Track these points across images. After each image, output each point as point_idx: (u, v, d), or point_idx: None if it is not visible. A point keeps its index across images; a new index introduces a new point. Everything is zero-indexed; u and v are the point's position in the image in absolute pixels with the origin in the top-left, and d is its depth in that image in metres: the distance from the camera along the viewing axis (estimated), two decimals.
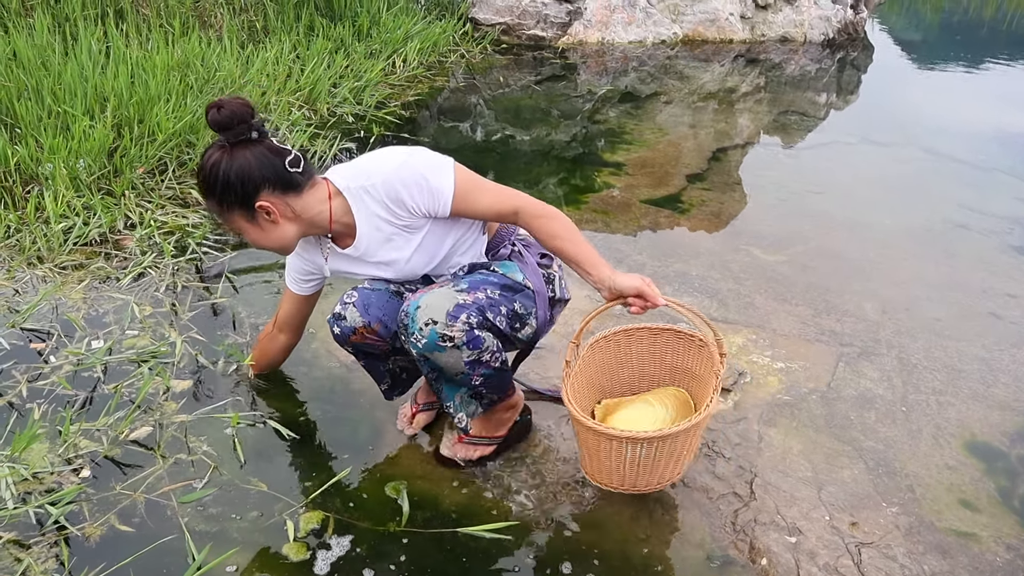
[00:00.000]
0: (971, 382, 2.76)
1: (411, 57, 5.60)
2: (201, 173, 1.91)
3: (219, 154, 1.88)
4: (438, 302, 1.92)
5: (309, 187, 1.96)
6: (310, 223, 1.99)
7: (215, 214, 1.97)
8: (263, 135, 1.90)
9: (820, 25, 7.40)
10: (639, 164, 4.42)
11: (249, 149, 1.87)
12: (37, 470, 2.09)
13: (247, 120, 1.85)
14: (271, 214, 1.92)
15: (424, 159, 1.97)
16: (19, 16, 4.57)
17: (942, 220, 4.00)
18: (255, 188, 1.88)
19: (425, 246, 2.05)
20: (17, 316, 2.68)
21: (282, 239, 1.99)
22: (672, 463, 2.00)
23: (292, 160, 1.90)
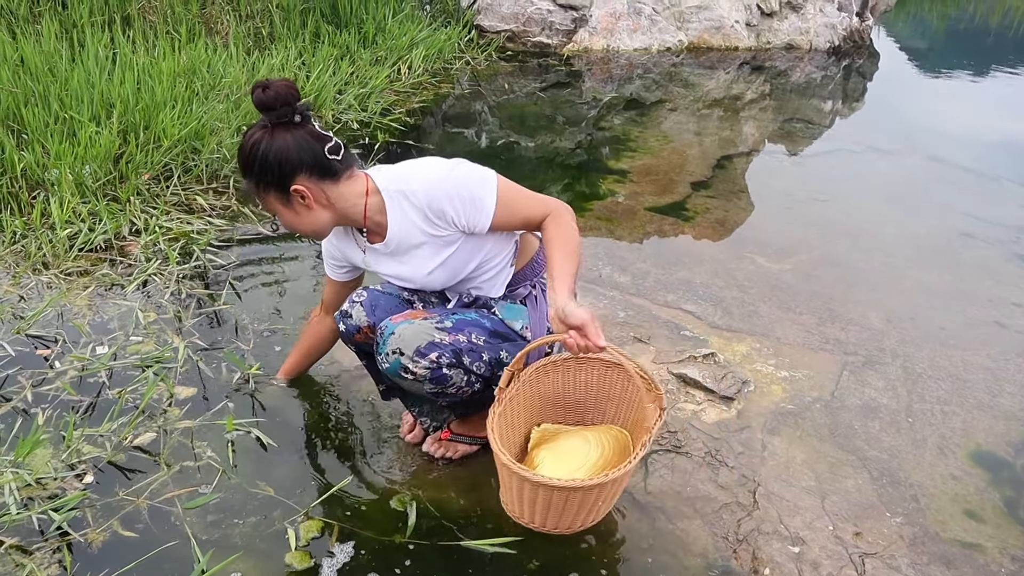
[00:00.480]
0: (976, 392, 2.76)
1: (416, 64, 5.61)
2: (241, 152, 1.91)
3: (260, 134, 1.88)
4: (412, 335, 1.93)
5: (347, 177, 1.95)
6: (343, 214, 1.98)
7: (251, 194, 1.97)
8: (306, 119, 1.89)
9: (826, 33, 7.40)
10: (644, 171, 4.41)
11: (290, 132, 1.87)
12: (40, 475, 2.09)
13: (291, 103, 1.85)
14: (305, 198, 1.92)
15: (468, 171, 1.95)
16: (27, 22, 4.59)
17: (947, 228, 3.99)
18: (292, 171, 1.88)
19: (451, 263, 2.03)
20: (23, 322, 2.68)
21: (315, 224, 1.98)
22: (585, 512, 1.89)
23: (332, 147, 1.90)
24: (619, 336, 2.88)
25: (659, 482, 2.26)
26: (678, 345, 2.85)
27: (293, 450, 2.29)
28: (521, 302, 2.15)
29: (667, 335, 2.92)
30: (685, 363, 2.74)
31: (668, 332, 2.93)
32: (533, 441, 2.13)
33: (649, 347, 2.84)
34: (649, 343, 2.86)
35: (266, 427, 2.36)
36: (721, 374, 2.68)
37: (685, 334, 2.93)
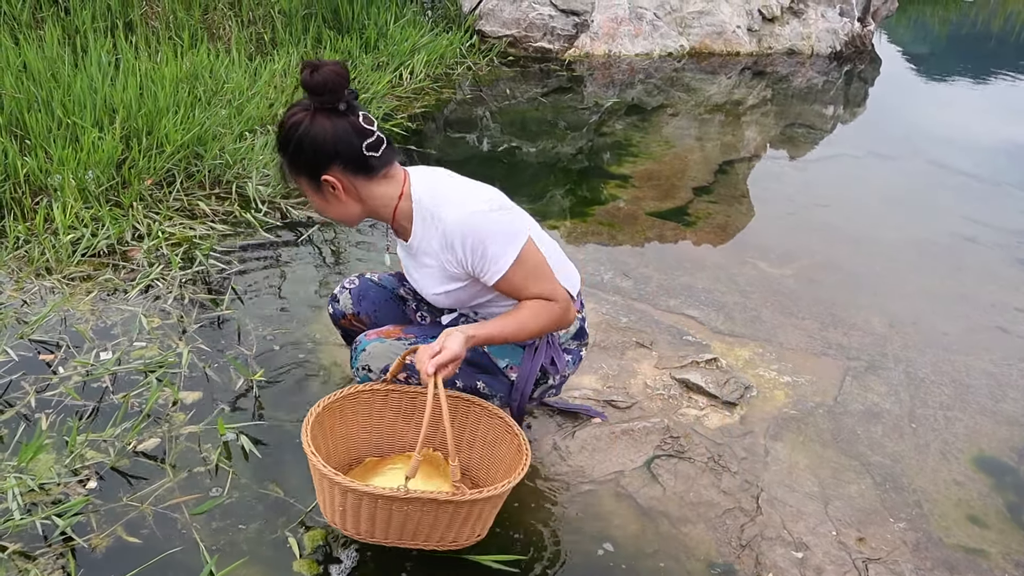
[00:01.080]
0: (979, 397, 2.76)
1: (418, 69, 5.62)
2: (280, 128, 1.88)
3: (302, 115, 1.83)
4: (380, 354, 1.96)
5: (383, 175, 1.91)
6: (373, 210, 1.95)
7: (284, 172, 1.95)
8: (352, 109, 1.84)
9: (827, 38, 7.40)
10: (645, 176, 4.42)
11: (332, 120, 1.82)
12: (43, 481, 2.09)
13: (337, 90, 1.79)
14: (336, 189, 1.88)
15: (497, 223, 1.88)
16: (30, 28, 4.60)
17: (950, 233, 3.99)
18: (326, 161, 1.85)
19: (456, 295, 2.01)
20: (26, 327, 2.69)
21: (344, 214, 1.96)
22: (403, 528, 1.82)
23: (371, 143, 1.85)
24: (621, 341, 2.88)
25: (662, 487, 2.26)
26: (680, 350, 2.85)
27: (298, 455, 2.29)
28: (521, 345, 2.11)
29: (669, 340, 2.92)
30: (688, 368, 2.74)
31: (670, 337, 2.93)
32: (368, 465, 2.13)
33: (651, 352, 2.84)
34: (651, 348, 2.86)
35: (268, 432, 2.36)
36: (724, 379, 2.68)
37: (687, 339, 2.93)
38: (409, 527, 1.81)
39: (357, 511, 1.79)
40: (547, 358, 2.11)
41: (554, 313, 1.94)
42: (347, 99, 1.82)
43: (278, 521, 2.06)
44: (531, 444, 2.37)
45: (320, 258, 3.30)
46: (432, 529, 1.82)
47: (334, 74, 1.77)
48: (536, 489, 2.23)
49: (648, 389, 2.66)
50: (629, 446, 2.40)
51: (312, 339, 2.79)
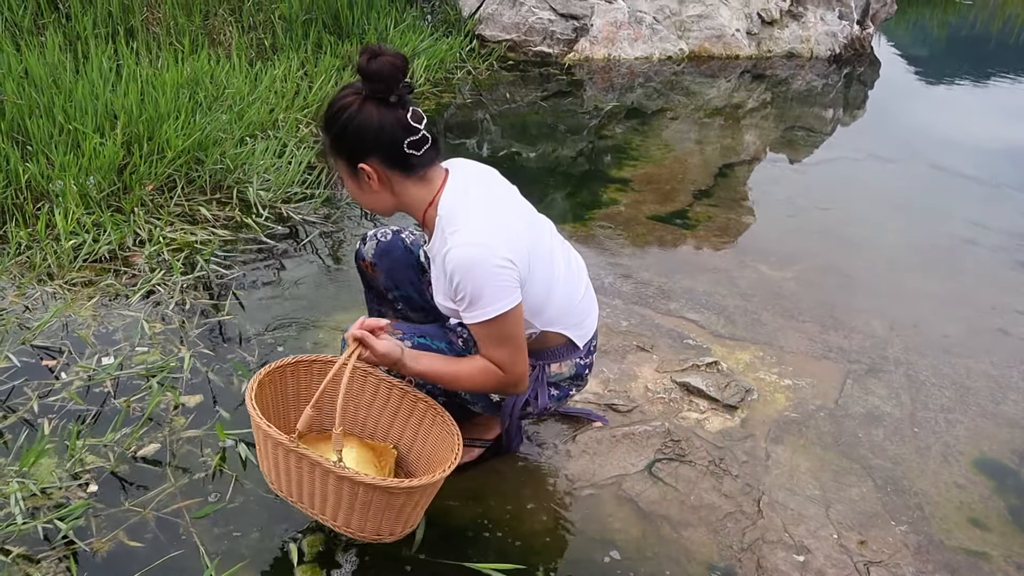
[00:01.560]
0: (980, 399, 2.76)
1: (418, 74, 5.62)
2: (329, 108, 1.87)
3: (352, 99, 1.82)
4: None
5: (421, 176, 1.89)
6: (406, 206, 1.95)
7: (325, 149, 1.96)
8: (402, 103, 1.82)
9: (826, 41, 7.41)
10: (645, 180, 4.42)
11: (380, 110, 1.80)
12: (45, 485, 2.09)
13: (392, 81, 1.77)
14: (371, 178, 1.87)
15: (492, 279, 1.83)
16: (31, 34, 4.61)
17: (950, 236, 3.99)
18: (366, 151, 1.84)
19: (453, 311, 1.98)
20: (28, 333, 2.69)
21: (376, 204, 1.95)
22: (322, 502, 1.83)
23: (414, 141, 1.83)
24: (622, 345, 2.88)
25: (663, 490, 2.26)
26: (681, 354, 2.86)
27: None
28: None
29: (670, 344, 2.92)
30: (688, 372, 2.74)
31: (671, 341, 2.94)
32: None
33: (652, 356, 2.84)
34: (652, 352, 2.86)
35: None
36: (724, 383, 2.69)
37: (688, 343, 2.93)
38: (311, 493, 1.82)
39: (276, 462, 1.83)
40: (532, 392, 2.10)
41: (493, 380, 1.93)
42: (399, 92, 1.80)
43: (279, 526, 2.06)
44: (533, 448, 2.38)
45: (321, 262, 3.30)
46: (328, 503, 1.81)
47: (391, 65, 1.75)
48: (537, 493, 2.23)
49: (649, 393, 2.66)
50: (630, 450, 2.40)
51: (314, 343, 2.80)
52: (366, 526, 1.83)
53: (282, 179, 3.77)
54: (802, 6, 7.42)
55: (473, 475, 2.27)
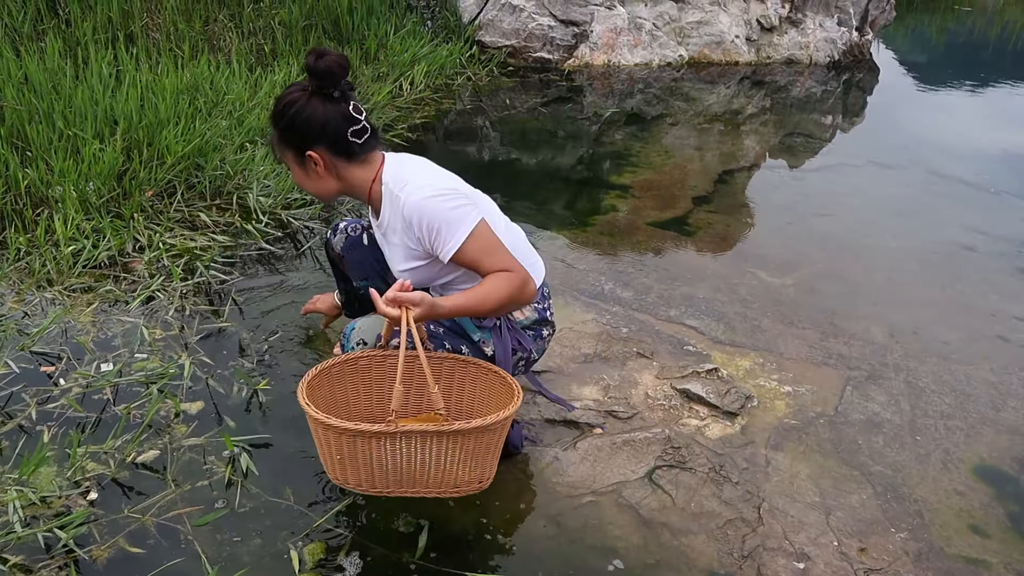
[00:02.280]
0: (980, 406, 2.76)
1: (418, 80, 5.63)
2: (277, 104, 2.06)
3: (299, 95, 2.01)
4: (370, 326, 2.10)
5: (362, 160, 2.08)
6: (350, 190, 2.13)
7: (272, 143, 2.14)
8: (345, 97, 2.02)
9: (826, 47, 7.42)
10: (645, 186, 4.43)
11: (325, 104, 2.00)
12: (45, 493, 2.09)
13: (335, 79, 1.98)
14: (318, 165, 2.05)
15: (452, 205, 2.01)
16: (31, 40, 4.62)
17: (949, 242, 3.99)
18: (313, 139, 2.02)
19: (419, 273, 2.13)
20: (27, 339, 2.69)
21: (321, 189, 2.12)
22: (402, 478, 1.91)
23: (356, 131, 2.03)
24: (622, 352, 2.88)
25: (663, 498, 2.26)
26: (681, 360, 2.86)
27: (303, 466, 2.29)
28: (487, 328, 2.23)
29: (670, 350, 2.92)
30: (688, 378, 2.74)
31: (671, 347, 2.94)
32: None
33: (652, 362, 2.84)
34: (652, 358, 2.86)
35: (271, 442, 2.36)
36: (724, 389, 2.69)
37: (688, 349, 2.93)
38: (407, 470, 1.88)
39: (354, 457, 1.86)
40: (513, 340, 2.23)
41: (513, 284, 2.01)
42: (342, 88, 2.01)
43: (281, 533, 2.06)
44: (533, 455, 2.38)
45: (320, 269, 3.30)
46: (430, 470, 1.88)
47: (335, 63, 1.96)
48: (537, 501, 2.23)
49: (649, 399, 2.66)
50: (630, 457, 2.40)
51: (315, 349, 2.80)
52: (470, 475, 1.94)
53: (282, 185, 3.77)
54: (801, 13, 7.44)
55: None
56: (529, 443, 2.42)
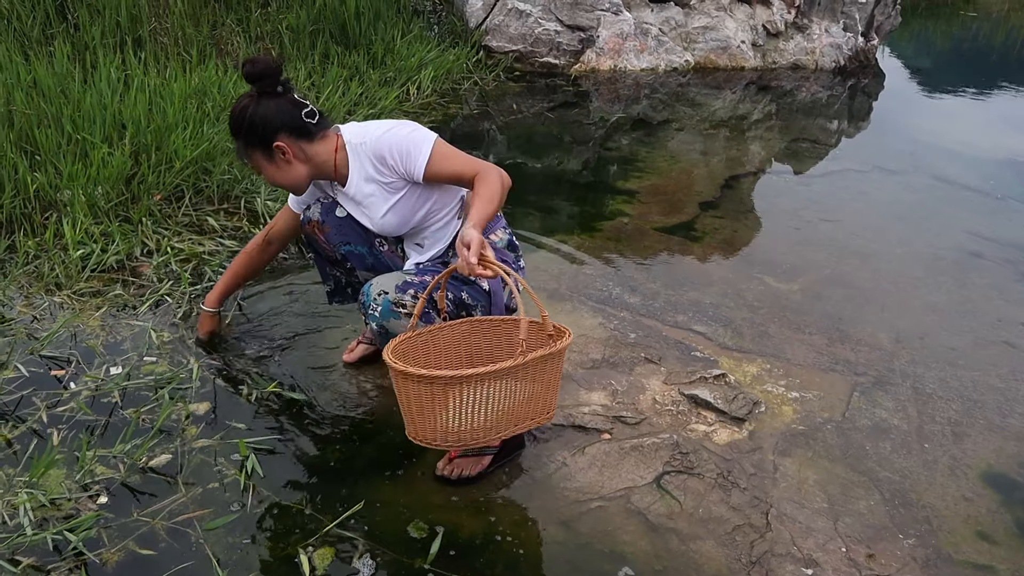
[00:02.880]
0: (987, 412, 2.76)
1: (425, 84, 5.65)
2: (232, 117, 2.24)
3: (248, 101, 2.21)
4: (387, 279, 2.21)
5: (321, 137, 2.27)
6: (318, 168, 2.30)
7: (240, 153, 2.31)
8: (287, 89, 2.23)
9: (831, 53, 7.43)
10: (651, 191, 4.43)
11: (273, 99, 2.20)
12: (55, 496, 2.10)
13: (274, 75, 2.18)
14: (286, 154, 2.24)
15: (410, 129, 2.25)
16: (40, 45, 4.64)
17: (955, 248, 4.00)
18: (274, 131, 2.20)
19: (398, 208, 2.29)
20: (36, 343, 2.70)
21: (295, 177, 2.30)
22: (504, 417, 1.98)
23: (308, 112, 2.23)
24: (630, 357, 2.89)
25: (671, 503, 2.26)
26: (689, 366, 2.86)
27: (312, 468, 2.30)
28: None
29: (677, 356, 2.92)
30: (696, 384, 2.75)
31: (679, 353, 2.94)
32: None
33: (660, 368, 2.85)
34: (660, 364, 2.87)
35: (280, 445, 2.37)
36: (732, 395, 2.69)
37: (695, 355, 2.94)
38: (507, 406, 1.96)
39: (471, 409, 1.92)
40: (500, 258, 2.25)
41: (493, 175, 2.19)
42: (282, 83, 2.21)
43: (292, 537, 2.07)
44: (540, 460, 2.38)
45: None
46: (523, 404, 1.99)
47: (269, 63, 2.17)
48: (546, 506, 2.23)
49: (657, 405, 2.66)
50: (638, 462, 2.41)
51: (322, 346, 2.80)
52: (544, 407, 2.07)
53: None
54: (807, 18, 7.45)
55: (482, 488, 2.28)
56: (532, 440, 2.42)
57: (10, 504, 2.05)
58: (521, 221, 3.90)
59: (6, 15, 4.64)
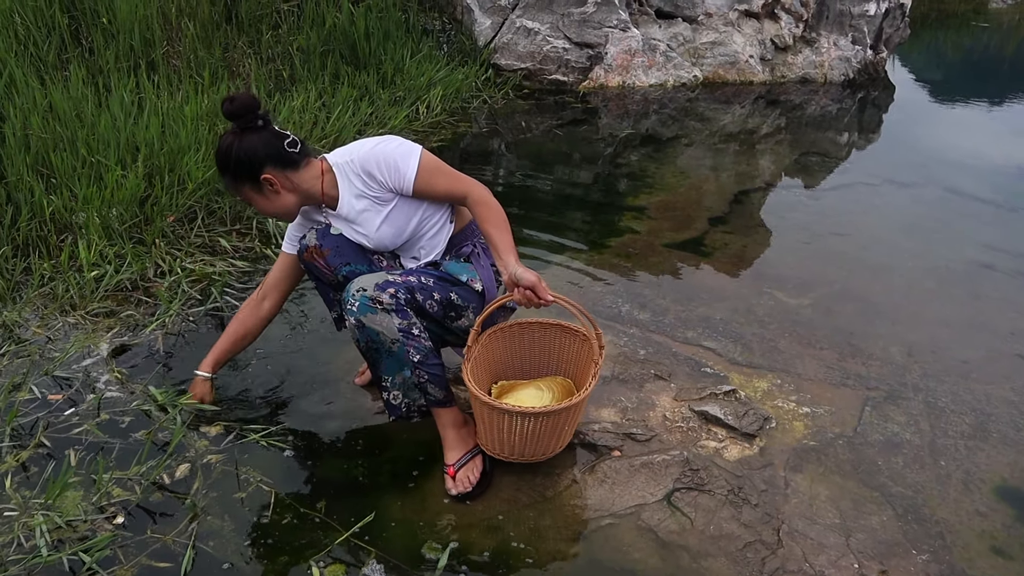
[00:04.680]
0: (1000, 425, 2.74)
1: (435, 103, 5.68)
2: (218, 155, 2.30)
3: (232, 138, 2.26)
4: (369, 279, 2.24)
5: (305, 165, 2.33)
6: (306, 194, 2.36)
7: (230, 188, 2.37)
8: (267, 123, 2.29)
9: (840, 66, 7.44)
10: (661, 207, 4.44)
11: (256, 134, 2.26)
12: (71, 518, 2.12)
13: (254, 110, 2.24)
14: (273, 185, 2.29)
15: (396, 143, 2.32)
16: (55, 69, 4.70)
17: (967, 261, 3.98)
18: (260, 164, 2.26)
19: (392, 219, 2.36)
20: (50, 364, 2.73)
21: (284, 207, 2.36)
22: (555, 438, 2.33)
23: (290, 142, 2.30)
24: (640, 374, 2.89)
25: (682, 520, 2.26)
26: (699, 382, 2.86)
27: (325, 479, 2.31)
28: (465, 260, 2.46)
29: (688, 372, 2.92)
30: (706, 400, 2.75)
31: (689, 369, 2.94)
32: (494, 394, 2.51)
33: (670, 384, 2.85)
34: (670, 380, 2.87)
35: (289, 460, 2.38)
36: (743, 411, 2.69)
37: (706, 371, 2.94)
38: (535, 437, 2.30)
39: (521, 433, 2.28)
40: (490, 261, 2.46)
41: (487, 193, 2.34)
42: (262, 116, 2.27)
43: (305, 553, 2.08)
44: (551, 477, 2.39)
45: None
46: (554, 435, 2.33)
47: (248, 99, 2.24)
48: (556, 523, 2.23)
49: (667, 421, 2.66)
50: (649, 479, 2.41)
51: (327, 363, 2.82)
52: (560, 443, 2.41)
53: None
54: (815, 32, 7.46)
55: (494, 505, 2.28)
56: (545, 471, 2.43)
57: (26, 526, 2.07)
58: (531, 238, 3.91)
59: (23, 40, 4.70)
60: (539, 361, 2.66)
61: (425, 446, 2.48)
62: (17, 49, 4.57)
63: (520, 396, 2.46)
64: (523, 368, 2.66)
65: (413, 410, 2.38)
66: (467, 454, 2.38)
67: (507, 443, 2.31)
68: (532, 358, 2.66)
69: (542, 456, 2.38)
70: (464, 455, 2.37)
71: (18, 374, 2.67)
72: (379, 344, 2.23)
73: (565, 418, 2.31)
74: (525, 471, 2.40)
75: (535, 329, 2.62)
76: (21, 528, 2.07)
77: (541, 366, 2.67)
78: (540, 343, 2.64)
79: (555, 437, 2.34)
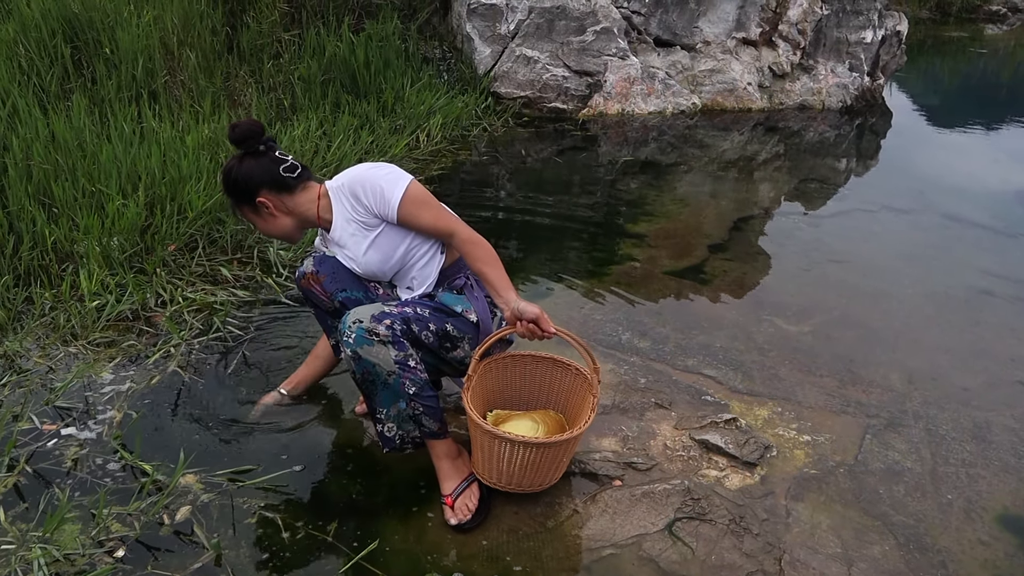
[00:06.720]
0: (1001, 453, 2.74)
1: (435, 132, 5.71)
2: (221, 178, 2.41)
3: (234, 162, 2.37)
4: (364, 310, 2.26)
5: (302, 189, 2.41)
6: (302, 217, 2.44)
7: (232, 209, 2.50)
8: (270, 148, 2.38)
9: (838, 93, 7.48)
10: (661, 235, 4.45)
11: (255, 159, 2.36)
12: (69, 551, 2.11)
13: (256, 137, 2.34)
14: (269, 208, 2.39)
15: (387, 171, 2.36)
16: (58, 99, 4.73)
17: (966, 287, 3.99)
18: (256, 188, 2.36)
19: (379, 245, 2.39)
20: (51, 394, 2.73)
21: (282, 229, 2.45)
22: (553, 468, 2.34)
23: (287, 167, 2.38)
24: (640, 403, 2.89)
25: (684, 550, 2.25)
26: (700, 410, 2.86)
27: (327, 504, 2.30)
28: (458, 292, 2.46)
29: (688, 400, 2.92)
30: (707, 429, 2.74)
31: (689, 397, 2.94)
32: (490, 422, 2.48)
33: (671, 413, 2.85)
34: (670, 409, 2.87)
35: (294, 489, 2.37)
36: (743, 439, 2.68)
37: (706, 399, 2.94)
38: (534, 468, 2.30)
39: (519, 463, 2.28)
40: (483, 293, 2.46)
41: (477, 241, 2.34)
42: (264, 143, 2.36)
43: None
44: (552, 507, 2.38)
45: None
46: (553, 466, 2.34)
47: (251, 125, 2.33)
48: (557, 554, 2.23)
49: (668, 451, 2.66)
50: (650, 509, 2.40)
51: (326, 386, 2.82)
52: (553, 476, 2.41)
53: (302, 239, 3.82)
54: (813, 59, 7.51)
55: (495, 535, 2.28)
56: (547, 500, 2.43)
57: (23, 559, 2.07)
58: (531, 266, 3.92)
59: (26, 71, 4.74)
60: (530, 393, 2.66)
61: (425, 473, 2.47)
62: (21, 79, 4.61)
63: (516, 427, 2.45)
64: (514, 399, 2.66)
65: (407, 442, 2.38)
66: (463, 482, 2.38)
67: (505, 472, 2.30)
68: (523, 389, 2.66)
69: (538, 487, 2.38)
70: (460, 483, 2.37)
71: (18, 404, 2.67)
72: (375, 376, 2.24)
73: (564, 449, 2.32)
74: (526, 501, 2.39)
75: (527, 361, 2.62)
76: (19, 561, 2.06)
77: (531, 398, 2.66)
78: (532, 375, 2.64)
79: (553, 468, 2.34)
